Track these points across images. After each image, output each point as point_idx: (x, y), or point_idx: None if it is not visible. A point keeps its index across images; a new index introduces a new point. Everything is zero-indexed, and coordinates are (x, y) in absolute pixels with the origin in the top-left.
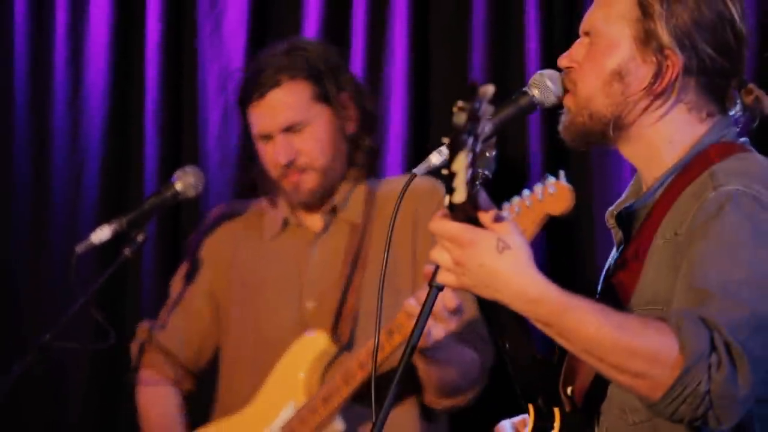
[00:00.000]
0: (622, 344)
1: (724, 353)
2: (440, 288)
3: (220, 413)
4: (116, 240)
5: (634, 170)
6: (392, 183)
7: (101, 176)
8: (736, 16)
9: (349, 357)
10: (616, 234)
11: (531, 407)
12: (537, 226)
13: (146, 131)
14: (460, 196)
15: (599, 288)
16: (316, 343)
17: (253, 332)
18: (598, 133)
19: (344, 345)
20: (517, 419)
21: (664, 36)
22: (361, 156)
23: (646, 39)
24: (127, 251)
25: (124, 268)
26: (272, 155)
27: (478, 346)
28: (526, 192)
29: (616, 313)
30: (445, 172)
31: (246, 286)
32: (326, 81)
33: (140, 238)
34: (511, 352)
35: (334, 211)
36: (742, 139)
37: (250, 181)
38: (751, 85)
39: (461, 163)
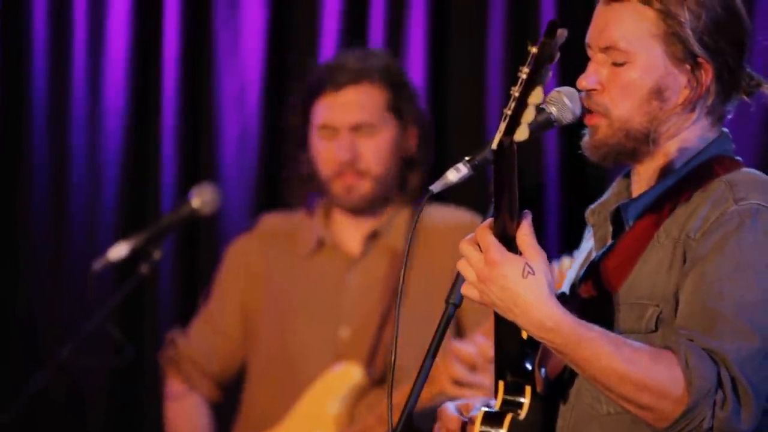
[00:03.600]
0: (632, 378)
1: (729, 391)
2: (457, 305)
3: (242, 427)
4: (133, 257)
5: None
6: (438, 213)
7: (119, 192)
8: (741, 10)
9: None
10: (600, 229)
11: (501, 384)
12: None
13: (164, 147)
14: (522, 133)
15: (579, 277)
16: (349, 376)
17: (282, 353)
18: (630, 151)
19: (377, 379)
20: (459, 402)
21: (695, 45)
22: (415, 180)
23: (679, 52)
24: (144, 268)
25: (141, 286)
26: (332, 151)
27: None
28: None
29: (628, 345)
30: (512, 102)
31: (278, 304)
32: (401, 94)
33: (157, 255)
34: (500, 328)
35: (375, 235)
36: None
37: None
38: (754, 75)
39: (537, 97)
